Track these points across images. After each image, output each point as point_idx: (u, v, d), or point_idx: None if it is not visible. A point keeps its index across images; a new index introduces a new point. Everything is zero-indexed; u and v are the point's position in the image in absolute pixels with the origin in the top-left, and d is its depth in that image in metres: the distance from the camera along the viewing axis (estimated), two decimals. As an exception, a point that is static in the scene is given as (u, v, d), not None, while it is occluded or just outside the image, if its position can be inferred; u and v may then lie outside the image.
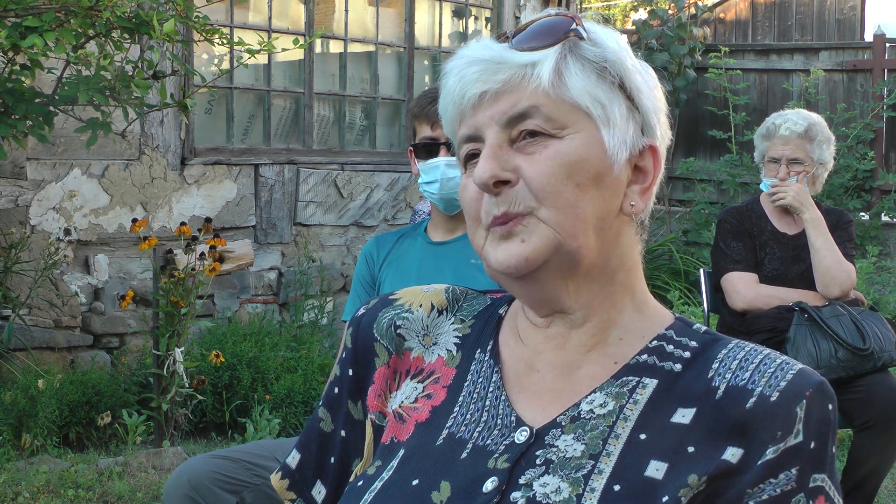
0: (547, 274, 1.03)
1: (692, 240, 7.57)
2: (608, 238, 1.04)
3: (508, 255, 1.02)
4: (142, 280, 5.17)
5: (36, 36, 3.23)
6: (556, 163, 1.01)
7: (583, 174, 1.01)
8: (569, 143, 1.02)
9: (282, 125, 6.00)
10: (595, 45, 1.04)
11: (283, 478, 1.20)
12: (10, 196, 4.79)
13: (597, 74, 1.03)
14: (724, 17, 10.03)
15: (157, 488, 3.77)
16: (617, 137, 1.03)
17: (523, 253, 1.01)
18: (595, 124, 1.03)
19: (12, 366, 4.57)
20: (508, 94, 1.02)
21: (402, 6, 6.51)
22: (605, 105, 1.03)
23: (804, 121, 3.58)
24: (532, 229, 1.01)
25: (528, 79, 1.02)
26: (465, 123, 1.06)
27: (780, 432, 0.96)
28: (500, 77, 1.02)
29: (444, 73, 1.08)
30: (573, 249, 1.02)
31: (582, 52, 1.03)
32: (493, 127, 1.03)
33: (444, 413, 1.09)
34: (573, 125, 1.02)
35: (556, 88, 1.02)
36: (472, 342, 1.14)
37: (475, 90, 1.03)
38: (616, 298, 1.07)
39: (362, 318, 1.19)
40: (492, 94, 1.03)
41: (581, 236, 1.02)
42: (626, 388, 1.03)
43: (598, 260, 1.04)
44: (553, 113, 1.01)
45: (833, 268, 3.46)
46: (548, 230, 1.01)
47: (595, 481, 0.98)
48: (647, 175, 1.07)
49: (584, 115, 1.02)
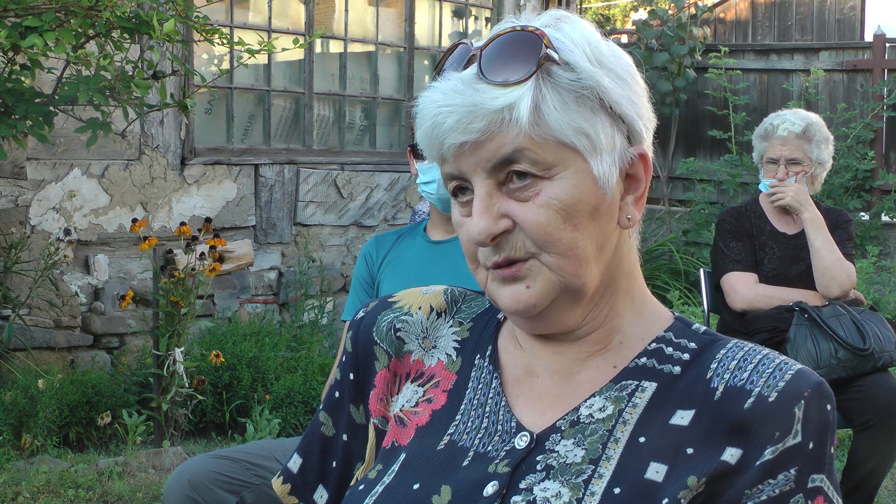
0: (553, 310, 1.03)
1: (692, 240, 7.57)
2: (608, 257, 1.04)
3: (516, 301, 1.01)
4: (142, 280, 5.17)
5: (36, 36, 3.23)
6: (550, 210, 0.98)
7: (578, 215, 0.99)
8: (560, 186, 0.98)
9: (282, 125, 6.00)
10: (569, 69, 0.99)
11: (284, 482, 1.20)
12: (10, 196, 4.79)
13: (576, 102, 0.98)
14: (724, 17, 10.02)
15: (157, 488, 3.77)
16: (606, 163, 1.00)
17: (530, 300, 1.01)
18: (582, 156, 0.99)
19: (12, 366, 4.57)
20: (489, 141, 0.98)
21: (402, 6, 6.51)
22: (590, 134, 0.99)
23: (802, 121, 3.58)
24: (535, 274, 1.00)
25: (507, 123, 0.97)
26: (449, 164, 1.02)
27: (779, 433, 0.96)
28: (477, 126, 0.97)
29: (418, 111, 1.02)
30: (578, 286, 1.01)
31: (557, 80, 0.98)
32: (480, 174, 1.00)
33: (446, 419, 1.09)
34: (560, 163, 0.99)
35: (537, 128, 0.97)
36: (471, 347, 1.14)
37: (453, 140, 0.99)
38: (618, 305, 1.07)
39: (362, 321, 1.19)
40: (472, 144, 0.98)
41: (584, 273, 1.01)
42: (626, 392, 1.03)
43: (601, 282, 1.04)
44: (538, 155, 0.98)
45: (833, 267, 3.46)
46: (551, 274, 1.00)
47: (595, 485, 0.98)
48: (640, 183, 1.05)
49: (569, 149, 0.99)
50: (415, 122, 1.05)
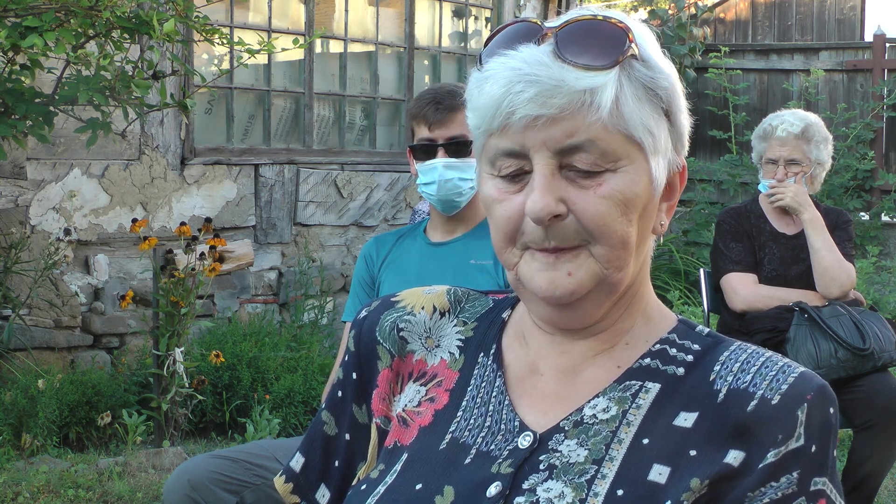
0: (587, 302, 1.02)
1: (692, 240, 7.58)
2: (641, 257, 1.05)
3: (553, 286, 1.00)
4: (142, 280, 5.17)
5: (36, 36, 3.23)
6: (611, 202, 0.98)
7: (633, 209, 1.00)
8: (622, 179, 0.98)
9: (282, 125, 6.00)
10: (648, 66, 1.00)
11: (286, 481, 1.20)
12: (10, 196, 4.79)
13: (649, 101, 0.99)
14: (724, 17, 10.01)
15: (157, 488, 3.77)
16: (661, 165, 1.02)
17: (569, 287, 1.00)
18: (645, 154, 1.00)
19: (12, 366, 4.57)
20: (564, 120, 0.96)
21: (402, 6, 6.51)
22: (654, 134, 1.00)
23: (801, 121, 3.57)
24: (581, 263, 1.00)
25: (587, 107, 0.96)
26: (509, 137, 0.99)
27: (782, 435, 0.96)
28: (557, 102, 0.96)
29: (486, 76, 0.99)
30: (616, 280, 1.02)
31: (637, 74, 0.99)
32: (545, 152, 0.98)
33: (448, 417, 1.09)
34: (626, 157, 0.99)
35: (613, 119, 0.97)
36: (475, 345, 1.13)
37: (529, 111, 0.96)
38: (632, 309, 1.07)
39: (364, 320, 1.18)
40: (546, 119, 0.96)
41: (626, 268, 1.01)
42: (629, 393, 1.03)
43: (631, 281, 1.05)
44: (609, 146, 0.97)
45: (832, 268, 3.46)
46: (596, 265, 1.00)
47: (598, 486, 0.97)
48: (675, 192, 1.07)
49: (635, 145, 0.99)
50: (470, 78, 1.02)
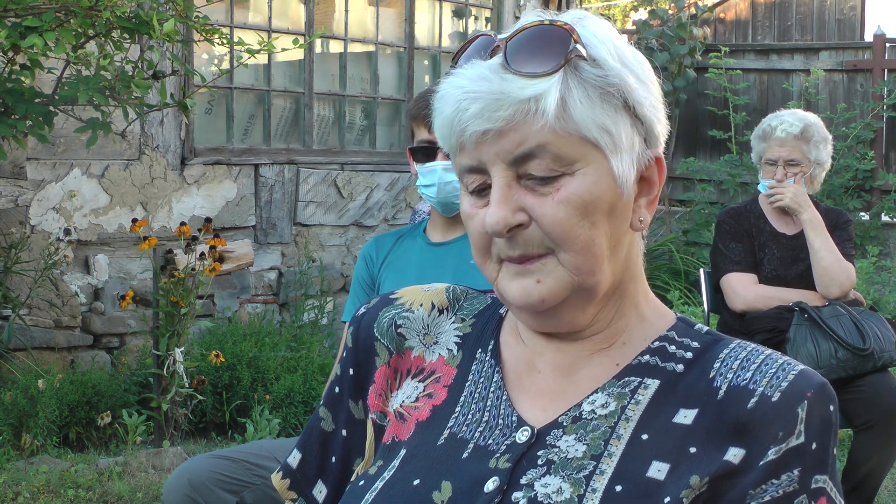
0: (564, 309, 1.03)
1: (692, 240, 7.57)
2: (620, 257, 1.04)
3: (525, 294, 1.01)
4: (142, 280, 5.17)
5: (36, 36, 3.23)
6: (570, 206, 0.98)
7: (596, 212, 0.99)
8: (580, 182, 0.98)
9: (282, 125, 6.00)
10: (596, 65, 0.99)
11: (284, 477, 1.20)
12: (10, 196, 4.79)
13: (600, 99, 0.98)
14: (724, 17, 10.02)
15: (157, 488, 3.77)
16: (625, 162, 1.00)
17: (540, 294, 1.00)
18: (603, 154, 0.99)
19: (12, 366, 4.57)
20: (512, 131, 0.97)
21: (402, 6, 6.51)
22: (612, 132, 0.99)
23: (800, 122, 3.57)
24: (550, 271, 1.00)
25: (533, 114, 0.97)
26: (467, 154, 1.01)
27: (782, 433, 0.96)
28: (501, 114, 0.97)
29: (439, 97, 1.01)
30: (591, 285, 1.01)
31: (584, 75, 0.98)
32: (499, 164, 0.99)
33: (446, 413, 1.09)
34: (582, 159, 0.98)
35: (562, 122, 0.97)
36: (472, 342, 1.13)
37: (476, 128, 0.98)
38: (624, 307, 1.07)
39: (363, 317, 1.19)
40: (495, 132, 0.97)
41: (598, 272, 1.01)
42: (628, 389, 1.03)
43: (612, 283, 1.04)
44: (561, 150, 0.97)
45: (832, 268, 3.46)
46: (565, 272, 1.00)
47: (597, 482, 0.97)
48: (653, 186, 1.06)
49: (591, 146, 0.98)
50: (434, 97, 1.02)
